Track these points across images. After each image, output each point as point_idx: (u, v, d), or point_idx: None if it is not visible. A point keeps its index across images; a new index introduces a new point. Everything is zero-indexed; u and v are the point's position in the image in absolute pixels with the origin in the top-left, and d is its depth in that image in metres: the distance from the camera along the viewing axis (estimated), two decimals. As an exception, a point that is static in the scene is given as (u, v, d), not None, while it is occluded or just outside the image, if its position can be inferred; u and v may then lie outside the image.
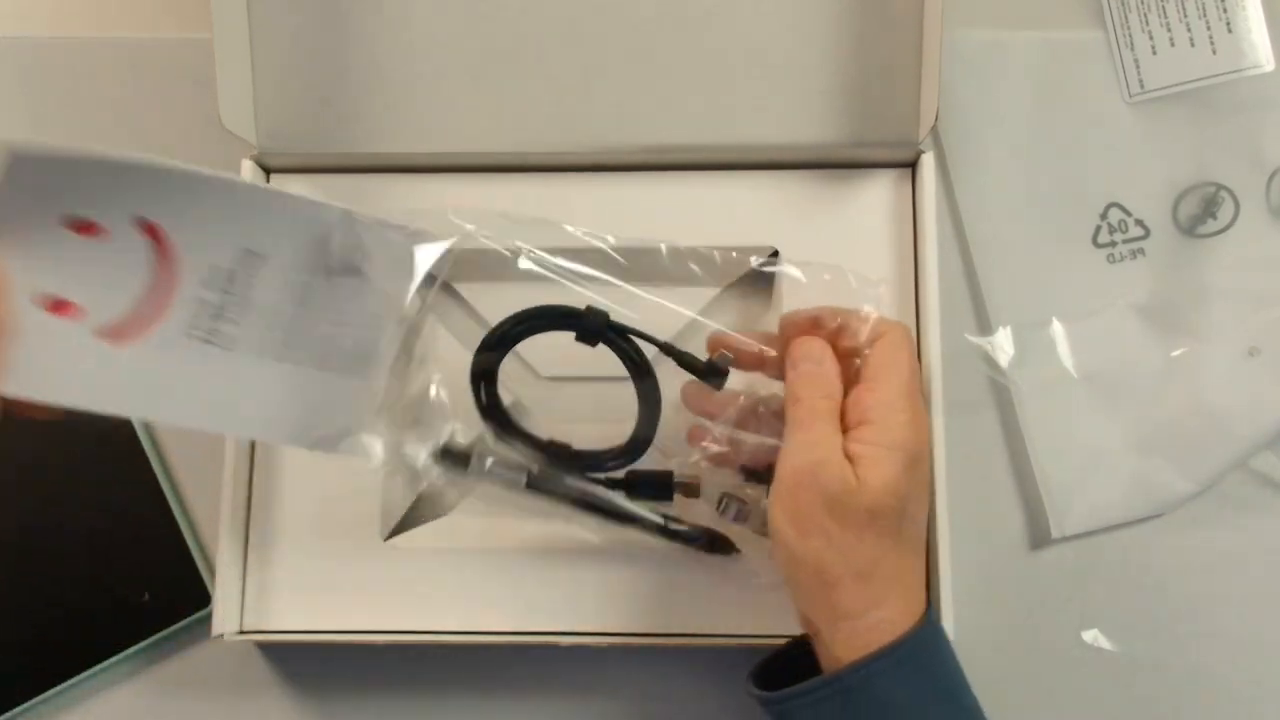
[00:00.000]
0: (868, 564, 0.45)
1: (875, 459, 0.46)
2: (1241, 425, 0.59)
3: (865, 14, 0.57)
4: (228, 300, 0.46)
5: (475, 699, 0.59)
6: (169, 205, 0.45)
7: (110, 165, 0.43)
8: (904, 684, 0.45)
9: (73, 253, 0.43)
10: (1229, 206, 0.61)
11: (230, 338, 0.47)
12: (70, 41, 0.65)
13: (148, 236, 0.44)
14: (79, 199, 0.43)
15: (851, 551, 0.45)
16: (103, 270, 0.44)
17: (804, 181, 0.59)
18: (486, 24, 0.58)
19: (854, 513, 0.45)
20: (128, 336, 0.45)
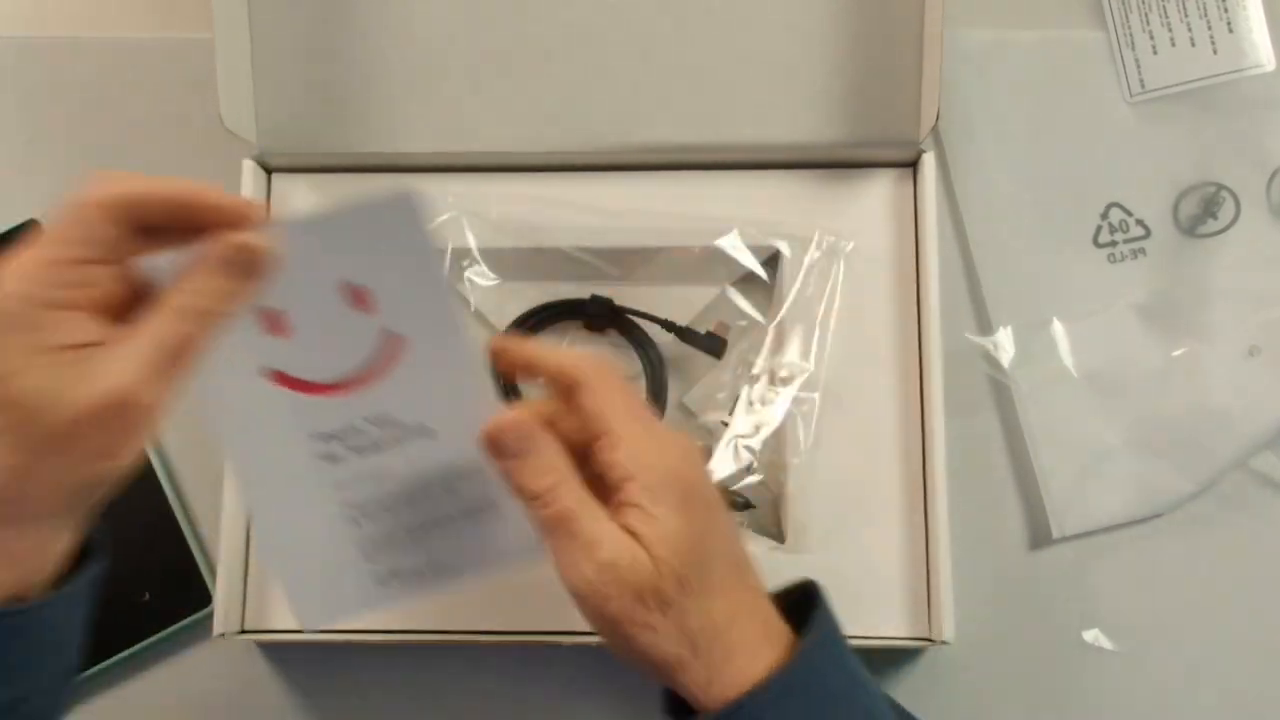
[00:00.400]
0: (698, 632, 0.42)
1: (652, 521, 0.41)
2: (1241, 425, 0.59)
3: (866, 14, 0.57)
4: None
5: (475, 699, 0.59)
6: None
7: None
8: (793, 711, 0.42)
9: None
10: (1229, 206, 0.61)
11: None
12: (70, 41, 0.65)
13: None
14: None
15: (680, 629, 0.42)
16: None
17: (805, 181, 0.59)
18: (487, 24, 0.58)
19: (663, 594, 0.41)
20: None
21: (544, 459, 0.42)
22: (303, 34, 0.58)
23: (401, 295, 0.43)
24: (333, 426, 0.44)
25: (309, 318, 0.42)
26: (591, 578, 0.41)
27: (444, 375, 0.44)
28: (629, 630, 0.41)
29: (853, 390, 0.57)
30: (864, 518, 0.56)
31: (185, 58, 0.64)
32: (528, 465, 0.42)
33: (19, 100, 0.65)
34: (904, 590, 0.56)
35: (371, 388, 0.44)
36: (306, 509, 0.45)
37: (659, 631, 0.41)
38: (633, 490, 0.42)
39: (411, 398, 0.44)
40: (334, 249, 0.42)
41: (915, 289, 0.57)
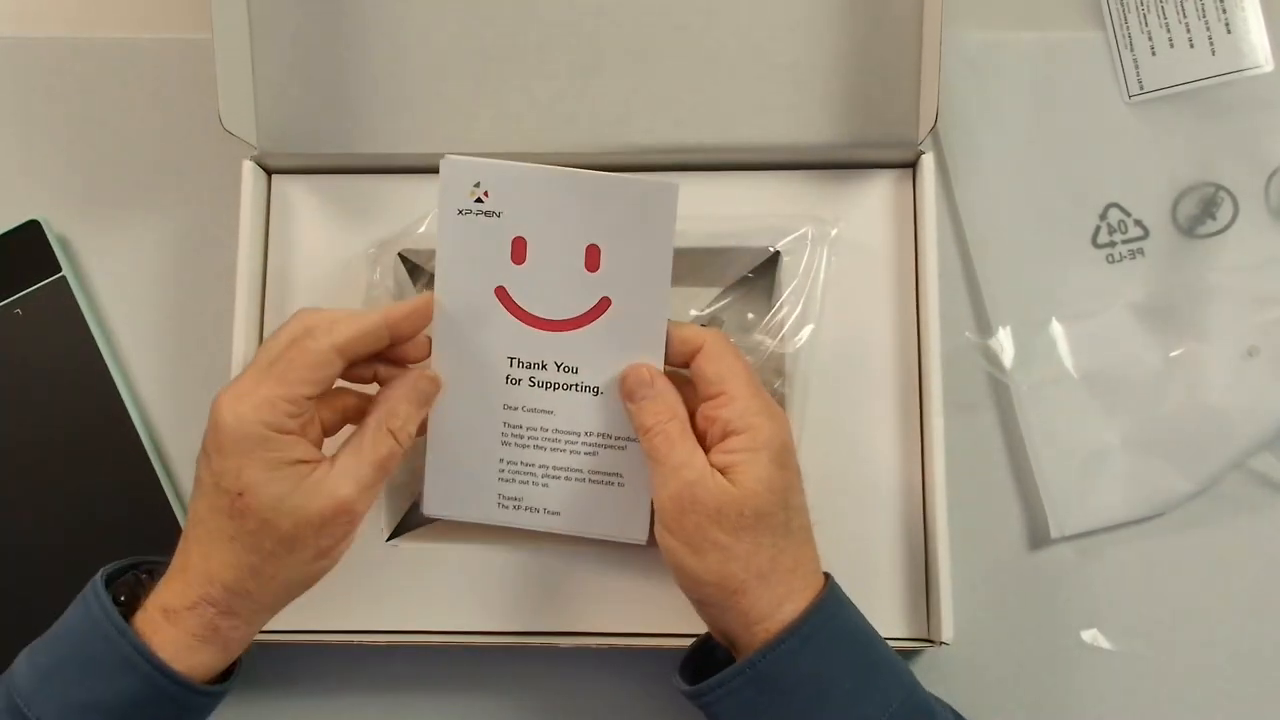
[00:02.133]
0: (767, 564, 0.46)
1: (747, 463, 0.46)
2: (1241, 425, 0.59)
3: (865, 15, 0.57)
4: None
5: (475, 699, 0.59)
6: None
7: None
8: (814, 657, 0.45)
9: None
10: (1228, 207, 0.61)
11: None
12: (70, 41, 0.65)
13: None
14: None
15: (749, 556, 0.46)
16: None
17: (804, 182, 0.59)
18: (486, 24, 0.58)
19: (742, 518, 0.46)
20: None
21: (661, 403, 0.49)
22: (303, 35, 0.58)
23: (628, 267, 0.49)
24: (527, 355, 0.51)
25: (549, 258, 0.49)
26: (674, 489, 0.46)
27: (630, 350, 0.50)
28: (702, 547, 0.46)
29: (852, 390, 0.57)
30: (863, 518, 0.56)
31: (185, 58, 0.64)
32: (647, 406, 0.49)
33: (18, 100, 0.65)
34: (903, 591, 0.56)
35: (570, 335, 0.50)
36: (476, 415, 0.51)
37: (729, 552, 0.46)
38: (737, 442, 0.47)
39: (597, 357, 0.50)
40: (596, 209, 0.48)
41: (914, 289, 0.58)
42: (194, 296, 0.62)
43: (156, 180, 0.64)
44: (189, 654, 0.46)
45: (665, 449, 0.47)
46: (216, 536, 0.46)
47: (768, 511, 0.46)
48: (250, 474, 0.45)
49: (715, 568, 0.46)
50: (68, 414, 0.61)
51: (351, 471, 0.46)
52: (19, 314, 0.61)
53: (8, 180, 0.64)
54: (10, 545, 0.60)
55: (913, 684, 0.47)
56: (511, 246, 0.49)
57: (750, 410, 0.47)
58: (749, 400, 0.48)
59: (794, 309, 0.56)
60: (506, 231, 0.49)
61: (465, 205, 0.49)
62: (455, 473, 0.52)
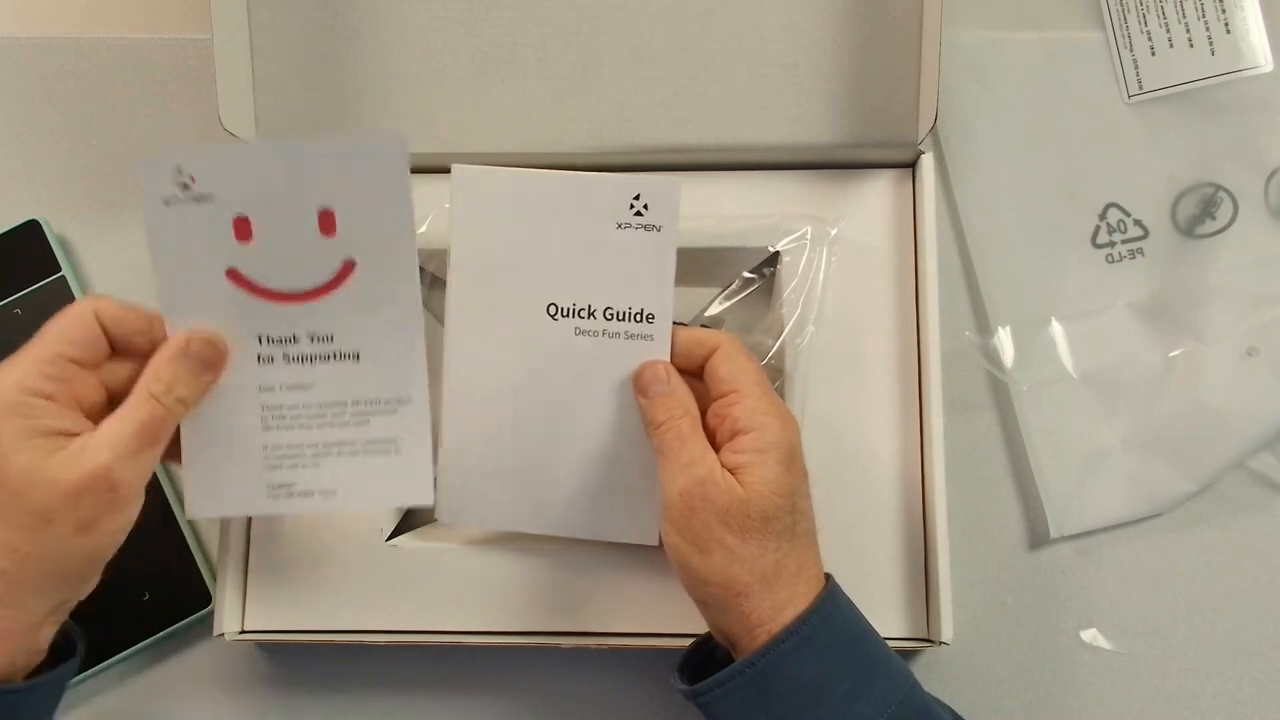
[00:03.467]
0: (771, 567, 0.46)
1: (755, 464, 0.46)
2: (1240, 425, 0.59)
3: (865, 15, 0.57)
4: None
5: (475, 699, 0.59)
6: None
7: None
8: (813, 659, 0.45)
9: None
10: (1228, 207, 0.61)
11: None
12: (70, 41, 0.65)
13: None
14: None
15: (754, 558, 0.46)
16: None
17: (804, 182, 0.59)
18: (487, 24, 0.58)
19: (748, 520, 0.46)
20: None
21: (675, 399, 0.49)
22: (302, 34, 0.58)
23: (367, 226, 0.47)
24: (275, 331, 0.48)
25: (278, 231, 0.47)
26: (684, 486, 0.46)
27: (384, 310, 0.48)
28: (706, 544, 0.46)
29: (852, 390, 0.57)
30: (863, 518, 0.56)
31: (185, 58, 0.64)
32: (659, 401, 0.49)
33: (18, 100, 0.65)
34: (902, 591, 0.56)
35: (318, 304, 0.48)
36: (230, 404, 0.48)
37: (734, 553, 0.46)
38: (746, 441, 0.47)
39: (351, 321, 0.48)
40: (320, 174, 0.46)
41: (914, 289, 0.58)
42: (194, 296, 0.62)
43: (156, 180, 0.64)
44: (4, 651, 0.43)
45: (676, 444, 0.47)
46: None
47: (774, 514, 0.46)
48: (6, 443, 0.42)
49: (720, 568, 0.46)
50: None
51: (110, 438, 0.43)
52: (19, 314, 0.61)
53: (8, 180, 0.64)
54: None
55: (911, 685, 0.47)
56: (234, 227, 0.46)
57: (760, 410, 0.47)
58: (759, 400, 0.48)
59: (794, 309, 0.56)
60: (224, 213, 0.46)
61: (169, 194, 0.46)
62: (217, 469, 0.49)
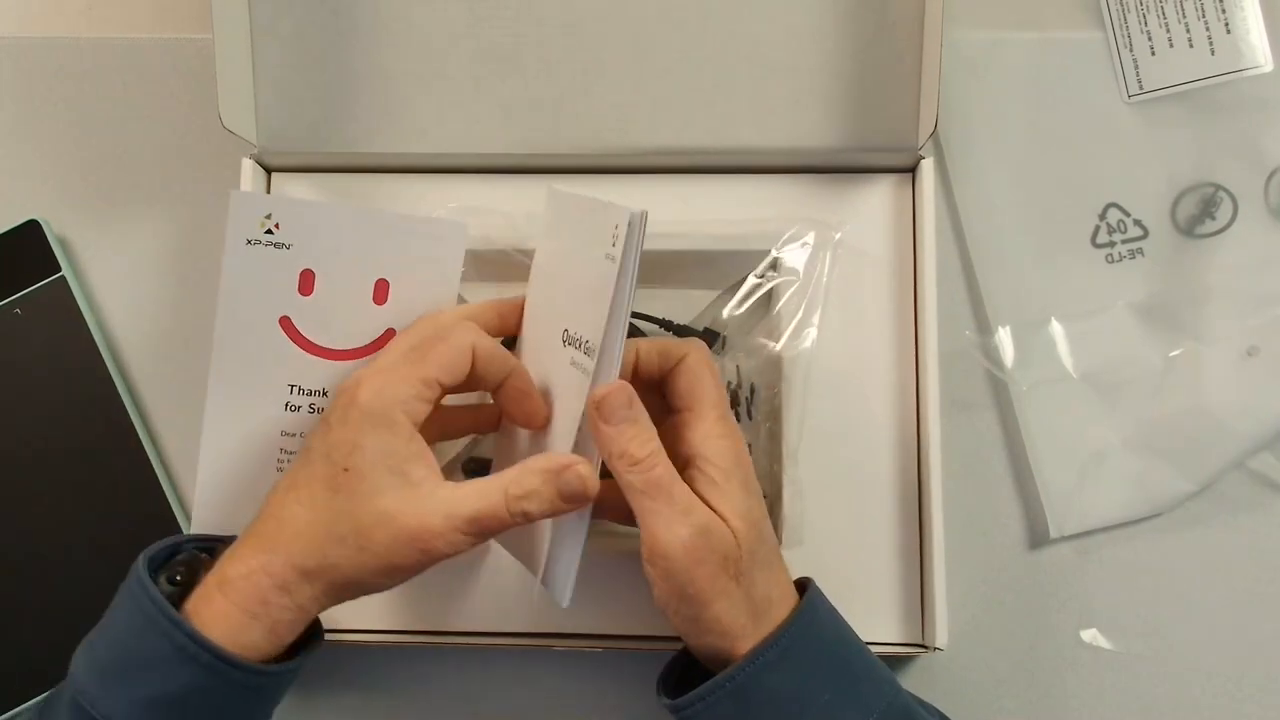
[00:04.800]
0: (762, 599, 0.45)
1: (727, 498, 0.45)
2: (1240, 425, 0.59)
3: (865, 19, 0.57)
4: None
5: (474, 699, 0.59)
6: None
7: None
8: (792, 670, 0.45)
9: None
10: (1227, 207, 0.61)
11: None
12: (70, 41, 0.65)
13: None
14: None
15: (747, 598, 0.45)
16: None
17: (804, 185, 0.59)
18: (486, 24, 0.58)
19: (740, 563, 0.45)
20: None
21: (645, 428, 0.45)
22: (303, 34, 0.58)
23: (414, 301, 0.50)
24: (308, 384, 0.50)
25: (337, 290, 0.49)
26: (686, 540, 0.44)
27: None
28: (710, 596, 0.44)
29: (852, 393, 0.57)
30: (858, 521, 0.56)
31: (185, 58, 0.64)
32: (631, 431, 0.45)
33: (19, 100, 0.65)
34: (898, 595, 0.56)
35: (353, 365, 0.50)
36: (251, 441, 0.50)
37: (732, 599, 0.45)
38: (709, 467, 0.45)
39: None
40: (386, 245, 0.49)
41: (913, 294, 0.58)
42: (194, 296, 0.62)
43: (156, 180, 0.64)
44: (240, 632, 0.43)
45: (669, 484, 0.44)
46: (303, 504, 0.44)
47: (754, 547, 0.45)
48: (367, 455, 0.43)
49: (722, 617, 0.45)
50: (67, 414, 0.61)
51: (450, 508, 0.44)
52: (19, 314, 0.61)
53: (8, 180, 0.64)
54: (10, 545, 0.60)
55: (895, 691, 0.47)
56: (299, 278, 0.49)
57: (716, 433, 0.46)
58: (716, 422, 0.46)
59: (795, 312, 0.56)
60: (295, 263, 0.49)
61: (254, 235, 0.49)
62: (226, 497, 0.50)
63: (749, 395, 0.57)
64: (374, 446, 0.44)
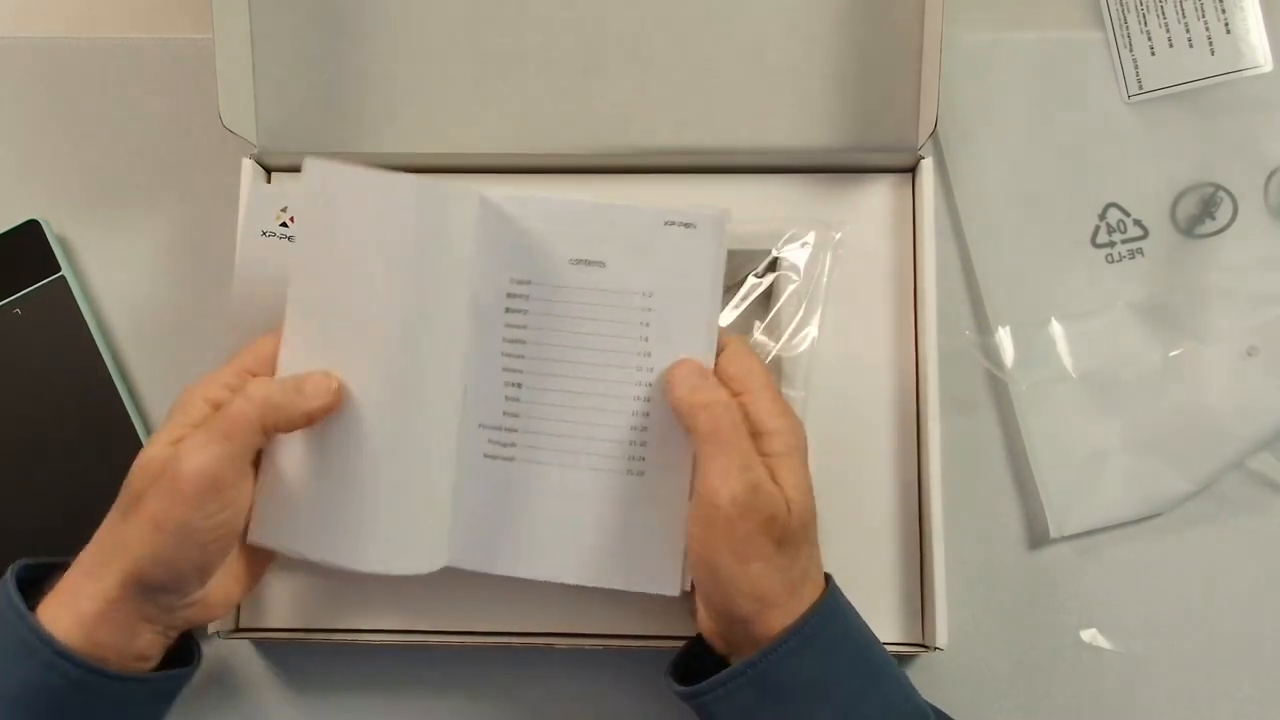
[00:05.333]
0: (799, 574, 0.45)
1: (789, 471, 0.46)
2: (1239, 425, 0.59)
3: (865, 19, 0.57)
4: None
5: (473, 699, 0.59)
6: None
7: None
8: (815, 659, 0.45)
9: None
10: (1227, 207, 0.61)
11: None
12: (70, 41, 0.65)
13: None
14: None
15: (787, 568, 0.45)
16: None
17: (804, 185, 0.59)
18: (486, 24, 0.58)
19: (789, 529, 0.45)
20: None
21: (714, 389, 0.47)
22: (303, 34, 0.58)
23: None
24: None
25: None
26: (738, 491, 0.44)
27: None
28: (749, 552, 0.44)
29: (852, 393, 0.57)
30: (858, 521, 0.56)
31: (185, 58, 0.64)
32: (700, 388, 0.47)
33: (18, 100, 0.65)
34: (898, 595, 0.56)
35: None
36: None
37: (770, 564, 0.44)
38: (772, 442, 0.46)
39: None
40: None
41: (913, 295, 0.58)
42: (193, 296, 0.62)
43: (156, 180, 0.64)
44: (92, 631, 0.44)
45: (732, 437, 0.45)
46: (117, 530, 0.47)
47: (809, 521, 0.46)
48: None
49: (756, 579, 0.44)
50: (67, 414, 0.61)
51: (204, 435, 0.46)
52: (19, 314, 0.61)
53: (8, 180, 0.64)
54: (9, 544, 0.60)
55: (910, 689, 0.47)
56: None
57: (775, 411, 0.47)
58: (773, 400, 0.47)
59: (795, 312, 0.56)
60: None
61: (268, 226, 0.50)
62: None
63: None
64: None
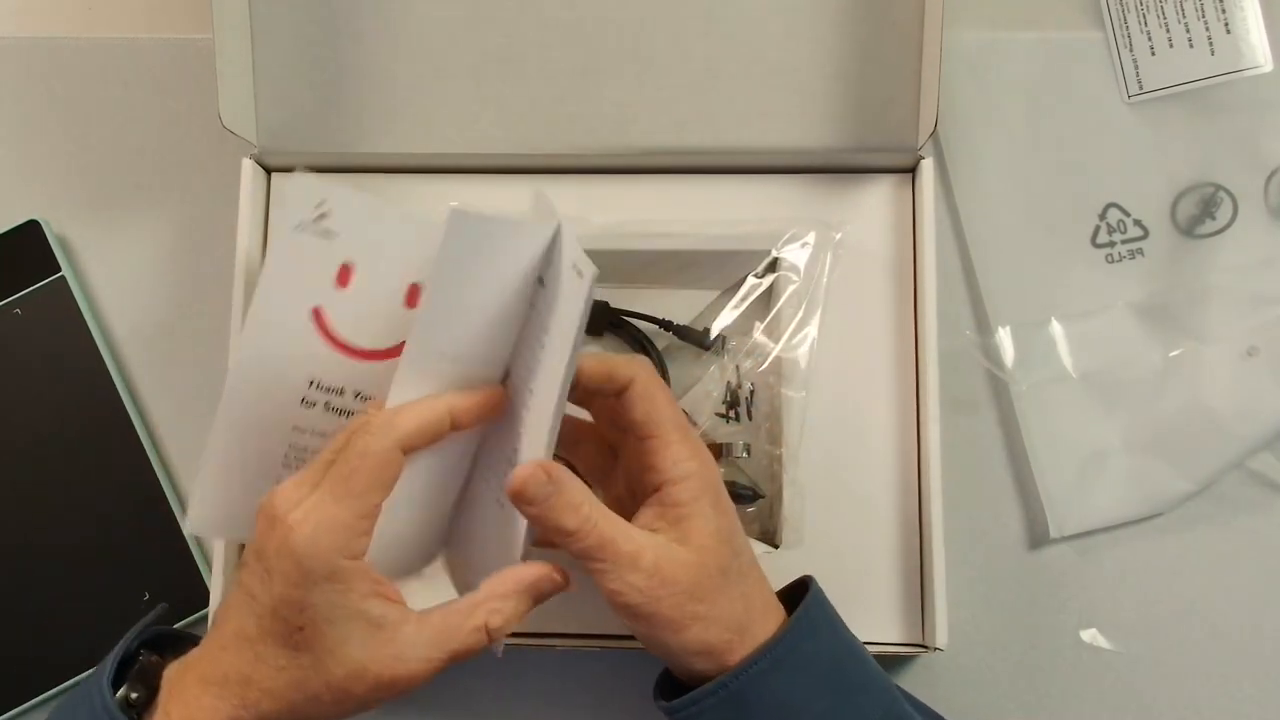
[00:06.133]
0: (743, 614, 0.45)
1: (694, 517, 0.45)
2: (1239, 425, 0.59)
3: (865, 19, 0.57)
4: None
5: (474, 699, 0.59)
6: None
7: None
8: (786, 680, 0.45)
9: None
10: (1227, 207, 0.61)
11: None
12: (70, 41, 0.65)
13: None
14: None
15: (727, 615, 0.45)
16: None
17: (804, 186, 0.59)
18: (486, 24, 0.58)
19: (711, 582, 0.44)
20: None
21: (571, 494, 0.43)
22: (303, 34, 0.58)
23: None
24: (327, 380, 0.48)
25: (373, 290, 0.48)
26: (641, 586, 0.43)
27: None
28: (683, 624, 0.44)
29: (852, 393, 0.57)
30: (858, 521, 0.56)
31: (185, 58, 0.64)
32: (558, 505, 0.43)
33: (18, 100, 0.65)
34: (898, 595, 0.56)
35: (372, 366, 0.48)
36: (263, 433, 0.48)
37: (708, 620, 0.44)
38: (677, 491, 0.45)
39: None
40: (424, 254, 0.46)
41: (913, 295, 0.58)
42: (193, 296, 0.62)
43: (156, 180, 0.64)
44: None
45: (609, 547, 0.43)
46: (265, 661, 0.42)
47: (727, 564, 0.45)
48: (320, 611, 0.41)
49: (700, 639, 0.44)
50: (68, 414, 0.61)
51: (426, 651, 0.42)
52: (19, 314, 0.61)
53: (8, 180, 0.64)
54: (10, 544, 0.60)
55: (891, 701, 0.47)
56: (339, 270, 0.48)
57: (681, 456, 0.45)
58: (679, 445, 0.45)
59: (795, 312, 0.56)
60: (337, 254, 0.48)
61: (303, 220, 0.47)
62: (229, 493, 0.49)
63: (749, 395, 0.57)
64: (324, 602, 0.41)
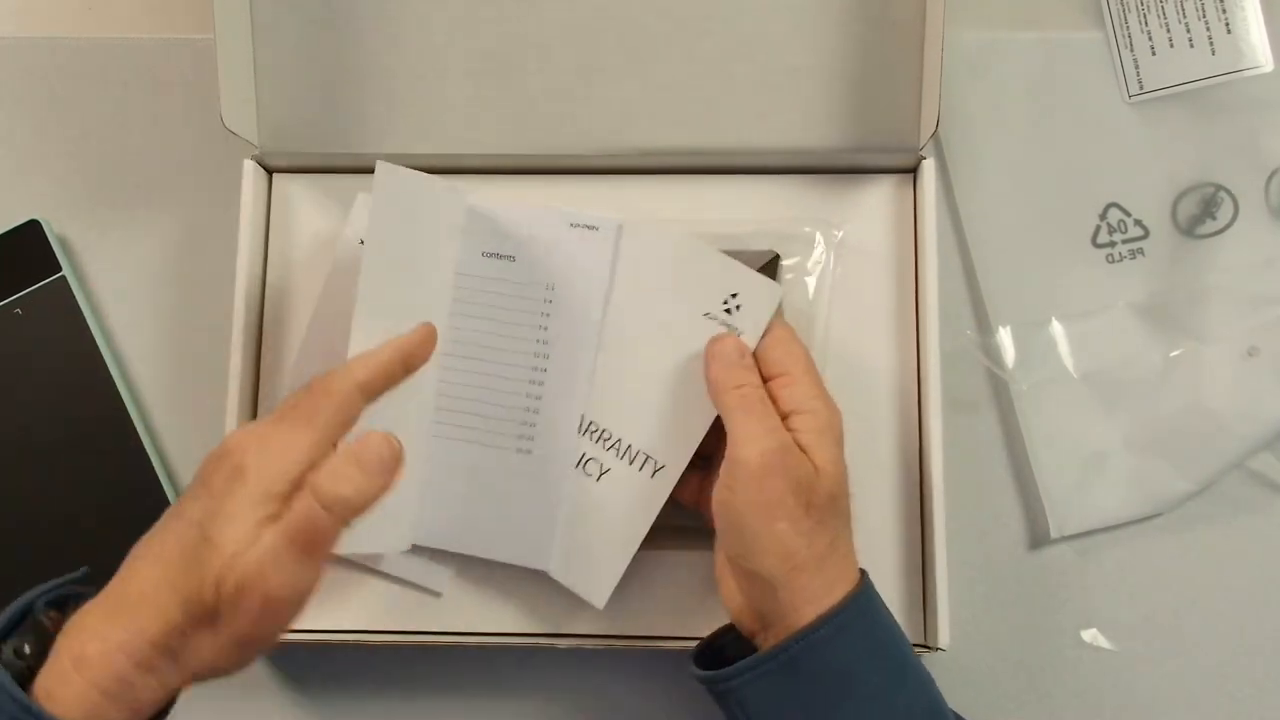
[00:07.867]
0: (827, 546, 0.46)
1: (816, 445, 0.47)
2: (1240, 425, 0.59)
3: (865, 19, 0.57)
4: None
5: (474, 699, 0.59)
6: None
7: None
8: (847, 649, 0.45)
9: None
10: (1228, 207, 0.61)
11: None
12: (70, 41, 0.65)
13: None
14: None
15: (814, 536, 0.46)
16: None
17: (805, 186, 0.59)
18: (487, 25, 0.58)
19: (816, 496, 0.46)
20: None
21: (748, 371, 0.49)
22: (304, 34, 0.58)
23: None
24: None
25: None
26: (765, 450, 0.46)
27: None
28: (774, 512, 0.45)
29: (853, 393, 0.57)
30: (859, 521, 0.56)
31: (185, 58, 0.64)
32: (735, 367, 0.49)
33: (19, 100, 0.65)
34: (900, 595, 0.56)
35: None
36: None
37: (796, 527, 0.45)
38: (802, 421, 0.48)
39: None
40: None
41: (914, 295, 0.58)
42: (194, 296, 0.62)
43: (157, 180, 0.64)
44: (96, 715, 0.40)
45: (759, 407, 0.47)
46: (167, 577, 0.42)
47: (838, 494, 0.47)
48: (241, 529, 0.42)
49: (783, 539, 0.45)
50: (68, 414, 0.61)
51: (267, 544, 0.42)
52: (19, 314, 0.61)
53: (8, 180, 0.64)
54: (10, 544, 0.60)
55: (936, 695, 0.47)
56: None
57: (812, 394, 0.48)
58: (811, 385, 0.49)
59: (796, 312, 0.56)
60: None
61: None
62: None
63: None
64: (253, 520, 0.42)
